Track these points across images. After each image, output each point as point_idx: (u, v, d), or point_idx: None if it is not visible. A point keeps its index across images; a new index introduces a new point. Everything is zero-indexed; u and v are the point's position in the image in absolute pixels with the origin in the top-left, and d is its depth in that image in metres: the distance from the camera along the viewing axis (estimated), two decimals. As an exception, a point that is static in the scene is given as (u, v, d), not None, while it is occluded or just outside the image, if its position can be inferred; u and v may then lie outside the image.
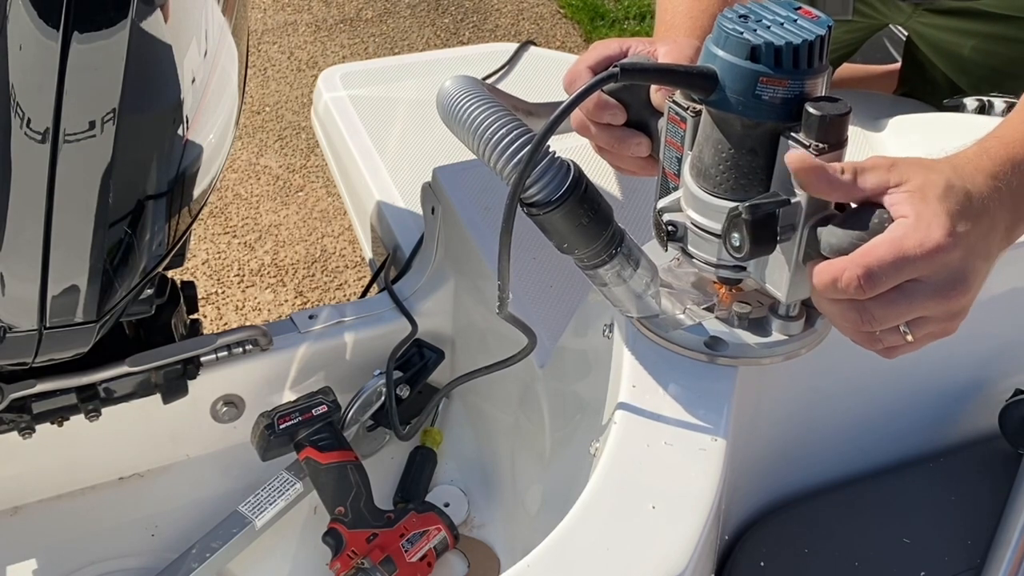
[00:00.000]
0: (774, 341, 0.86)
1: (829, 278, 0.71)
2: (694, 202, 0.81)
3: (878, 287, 0.70)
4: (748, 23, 0.75)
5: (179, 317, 1.21)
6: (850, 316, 0.73)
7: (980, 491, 1.03)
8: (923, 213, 0.70)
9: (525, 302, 1.14)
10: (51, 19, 0.73)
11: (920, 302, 0.71)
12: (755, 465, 0.97)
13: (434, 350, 1.28)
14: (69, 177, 0.82)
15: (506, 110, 0.79)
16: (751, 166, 0.77)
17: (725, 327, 0.87)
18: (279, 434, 1.15)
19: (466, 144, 0.81)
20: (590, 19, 3.52)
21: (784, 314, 0.86)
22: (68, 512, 1.22)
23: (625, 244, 0.80)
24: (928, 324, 0.74)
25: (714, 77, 0.75)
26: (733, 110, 0.75)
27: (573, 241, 0.78)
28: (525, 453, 1.16)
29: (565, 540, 0.75)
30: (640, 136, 0.91)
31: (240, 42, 1.07)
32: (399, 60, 2.27)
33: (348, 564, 1.11)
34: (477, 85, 0.82)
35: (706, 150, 0.79)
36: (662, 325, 0.87)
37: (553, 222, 0.77)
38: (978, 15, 1.39)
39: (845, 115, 0.73)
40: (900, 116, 1.35)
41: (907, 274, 0.70)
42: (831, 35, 0.75)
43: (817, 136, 0.73)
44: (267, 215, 2.61)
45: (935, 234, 0.69)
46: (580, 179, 0.77)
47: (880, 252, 0.70)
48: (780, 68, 0.73)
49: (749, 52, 0.73)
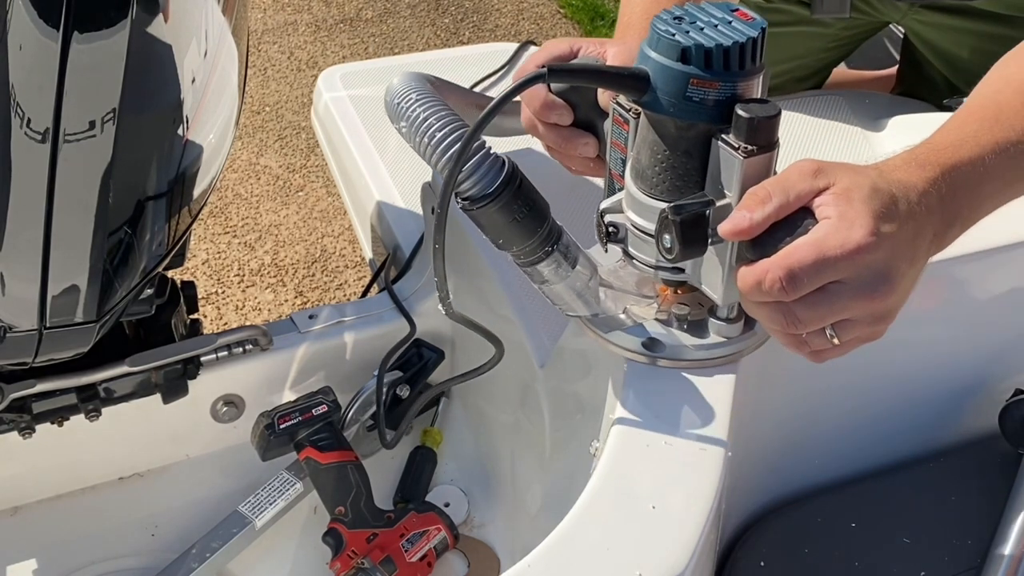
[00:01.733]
0: (712, 343, 0.86)
1: (753, 280, 0.71)
2: (634, 203, 0.82)
3: (801, 288, 0.70)
4: (682, 25, 0.75)
5: (179, 317, 1.21)
6: (776, 318, 0.73)
7: (980, 491, 1.03)
8: (846, 214, 0.70)
9: (525, 302, 1.14)
10: (51, 19, 0.73)
11: (843, 303, 0.71)
12: (755, 465, 0.97)
13: (434, 350, 1.28)
14: (69, 177, 0.82)
15: (445, 106, 0.79)
16: (686, 168, 0.78)
17: (664, 328, 0.87)
18: (279, 434, 1.15)
19: (407, 140, 0.81)
20: (590, 19, 3.52)
21: (723, 316, 0.85)
22: (68, 512, 1.22)
23: (563, 242, 0.80)
24: (854, 327, 0.73)
25: (646, 79, 0.75)
26: (665, 112, 0.76)
27: (508, 237, 0.78)
28: (525, 453, 1.16)
29: (565, 540, 0.75)
30: (588, 136, 0.91)
31: (240, 42, 1.07)
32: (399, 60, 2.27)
33: (348, 564, 1.11)
34: (422, 82, 0.83)
35: (643, 152, 0.80)
36: (602, 325, 0.87)
37: (488, 216, 0.77)
38: (975, 14, 1.40)
39: (774, 117, 0.73)
40: (899, 116, 1.35)
41: (829, 275, 0.70)
42: (765, 37, 0.75)
43: (747, 138, 0.73)
44: (267, 215, 2.61)
45: (856, 234, 0.69)
46: (514, 174, 0.77)
47: (801, 253, 0.69)
48: (711, 70, 0.73)
49: (680, 54, 0.73)
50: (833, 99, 1.42)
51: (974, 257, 0.99)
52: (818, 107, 1.39)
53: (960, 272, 1.01)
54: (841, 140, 1.32)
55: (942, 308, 1.03)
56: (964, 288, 1.04)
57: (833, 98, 1.42)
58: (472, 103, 1.05)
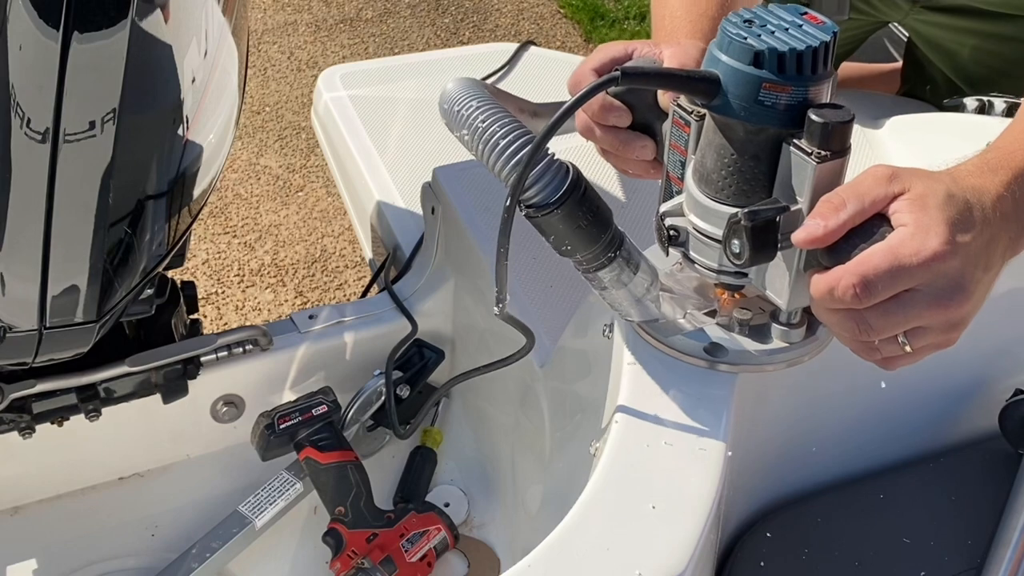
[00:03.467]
0: (774, 348, 0.85)
1: (826, 287, 0.70)
2: (696, 207, 0.81)
3: (874, 296, 0.69)
4: (752, 28, 0.74)
5: (179, 317, 1.21)
6: (848, 326, 0.72)
7: (980, 491, 1.03)
8: (921, 221, 0.70)
9: (525, 302, 1.14)
10: (51, 19, 0.73)
11: (917, 312, 0.70)
12: (755, 465, 0.97)
13: (434, 350, 1.28)
14: (69, 177, 0.82)
15: (506, 112, 0.79)
16: (753, 172, 0.77)
17: (725, 333, 0.86)
18: (279, 434, 1.15)
19: (467, 146, 0.81)
20: (590, 19, 3.52)
21: (785, 321, 0.85)
22: (68, 512, 1.22)
23: (625, 247, 0.80)
24: (927, 335, 0.73)
25: (717, 82, 0.74)
26: (736, 115, 0.75)
27: (573, 244, 0.78)
28: (525, 453, 1.16)
29: (565, 540, 0.75)
30: (645, 139, 0.90)
31: (240, 42, 1.07)
32: (399, 60, 2.27)
33: (348, 564, 1.11)
34: (479, 87, 0.82)
35: (709, 155, 0.79)
36: (662, 330, 0.86)
37: (552, 224, 0.77)
38: (976, 13, 1.39)
39: (848, 122, 0.73)
40: (900, 116, 1.35)
41: (903, 283, 0.69)
42: (836, 41, 0.74)
43: (820, 143, 0.72)
44: (267, 215, 2.61)
45: (932, 243, 0.69)
46: (579, 181, 0.76)
47: (876, 261, 0.69)
48: (783, 74, 0.72)
49: (752, 57, 0.72)
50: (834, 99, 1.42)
51: (974, 257, 0.98)
52: (818, 107, 1.39)
53: (960, 272, 1.01)
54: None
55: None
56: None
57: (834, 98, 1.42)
58: (516, 108, 1.03)
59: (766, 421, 0.97)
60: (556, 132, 0.74)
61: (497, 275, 0.79)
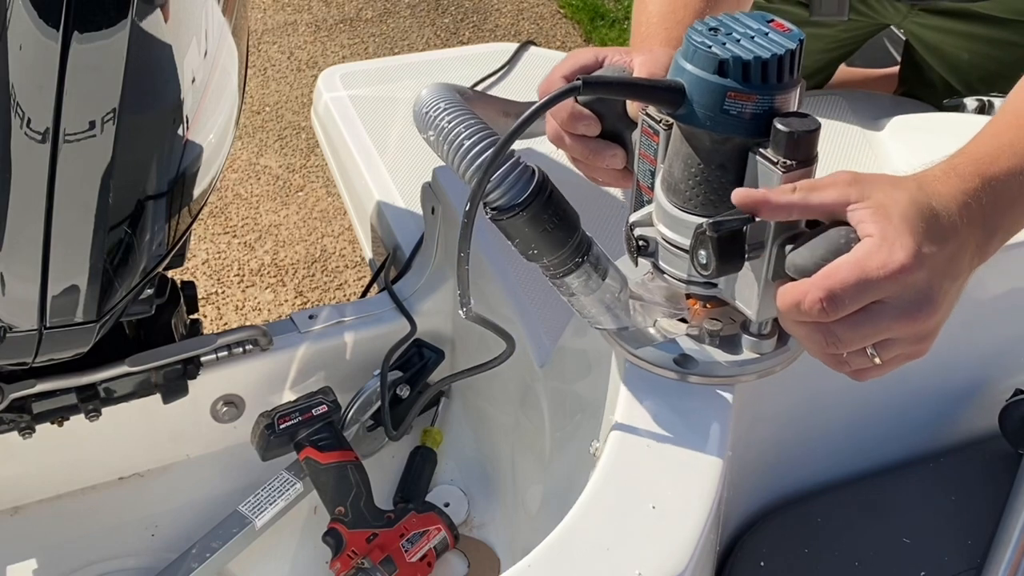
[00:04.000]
0: (745, 359, 0.84)
1: (792, 300, 0.70)
2: (665, 217, 0.80)
3: (841, 310, 0.68)
4: (718, 36, 0.73)
5: (179, 317, 1.21)
6: (815, 338, 0.71)
7: (980, 491, 1.03)
8: (887, 232, 0.69)
9: (525, 302, 1.14)
10: (51, 19, 0.73)
11: (885, 324, 0.69)
12: (755, 465, 0.97)
13: (434, 350, 1.28)
14: (69, 177, 0.82)
15: (474, 116, 0.78)
16: (720, 182, 0.76)
17: (696, 344, 0.85)
18: (279, 434, 1.15)
19: (433, 148, 0.80)
20: (590, 19, 3.52)
21: (756, 332, 0.83)
22: (68, 512, 1.22)
23: (593, 253, 0.78)
24: (896, 346, 0.72)
25: (681, 91, 0.74)
26: (701, 125, 0.74)
27: (539, 247, 0.77)
28: (525, 453, 1.16)
29: (565, 540, 0.75)
30: (615, 148, 0.89)
31: (240, 42, 1.07)
32: (399, 60, 2.27)
33: (348, 564, 1.11)
34: (451, 93, 0.81)
35: (676, 164, 0.78)
36: (633, 341, 0.85)
37: (517, 227, 0.76)
38: (974, 17, 1.39)
39: (814, 131, 0.72)
40: (900, 116, 1.35)
41: (870, 296, 0.68)
42: (803, 49, 0.73)
43: (785, 153, 0.72)
44: (267, 215, 2.61)
45: (898, 255, 0.68)
46: (544, 184, 0.75)
47: (843, 274, 0.68)
48: (748, 83, 0.72)
49: (717, 66, 0.72)
50: (833, 99, 1.42)
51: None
52: (818, 107, 1.39)
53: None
54: (841, 140, 1.32)
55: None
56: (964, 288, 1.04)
57: (833, 98, 1.42)
58: (501, 111, 1.03)
59: (766, 421, 0.97)
60: (519, 137, 0.72)
61: (459, 279, 0.78)
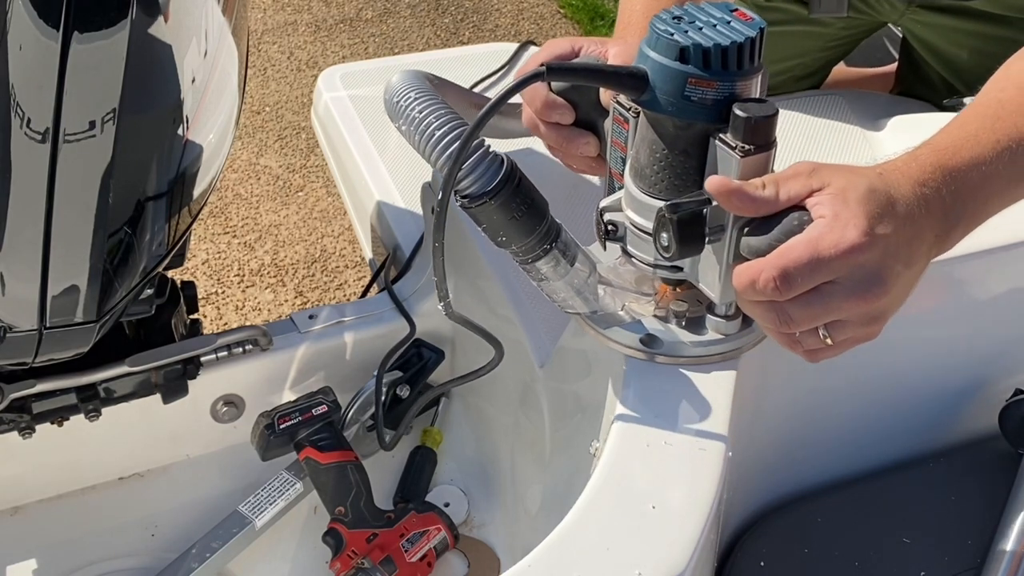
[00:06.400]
0: (709, 340, 0.86)
1: (748, 279, 0.71)
2: (632, 202, 0.82)
3: (794, 288, 0.70)
4: (681, 24, 0.75)
5: (179, 317, 1.21)
6: (770, 317, 0.73)
7: (980, 491, 1.03)
8: (841, 213, 0.70)
9: (525, 302, 1.14)
10: (51, 19, 0.73)
11: (836, 303, 0.71)
12: (755, 465, 0.97)
13: (434, 350, 1.28)
14: (69, 177, 0.82)
15: (444, 104, 0.80)
16: (684, 167, 0.78)
17: (662, 325, 0.88)
18: (279, 434, 1.15)
19: (405, 137, 0.82)
20: (590, 19, 3.52)
21: (721, 313, 0.86)
22: (68, 512, 1.22)
23: (561, 239, 0.81)
24: (847, 328, 0.73)
25: (644, 78, 0.76)
26: (664, 111, 0.76)
27: (508, 234, 0.79)
28: (525, 453, 1.16)
29: (565, 540, 0.75)
30: (588, 136, 0.92)
31: (240, 42, 1.07)
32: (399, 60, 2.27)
33: (348, 564, 1.11)
34: (421, 80, 0.83)
35: (642, 150, 0.80)
36: (601, 322, 0.87)
37: (486, 215, 0.78)
38: (972, 15, 1.39)
39: (771, 117, 0.74)
40: (899, 116, 1.35)
41: (823, 275, 0.70)
42: (764, 37, 0.75)
43: (744, 138, 0.74)
44: (267, 215, 2.61)
45: (850, 234, 0.69)
46: (513, 173, 0.77)
47: (796, 253, 0.69)
48: (709, 69, 0.74)
49: (678, 53, 0.74)
50: (832, 99, 1.42)
51: (974, 257, 0.99)
52: (817, 107, 1.39)
53: (960, 272, 1.01)
54: (840, 140, 1.32)
55: (942, 308, 1.03)
56: (964, 288, 1.04)
57: (832, 98, 1.42)
58: (471, 102, 1.06)
59: (766, 421, 0.97)
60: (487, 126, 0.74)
61: (436, 272, 0.80)
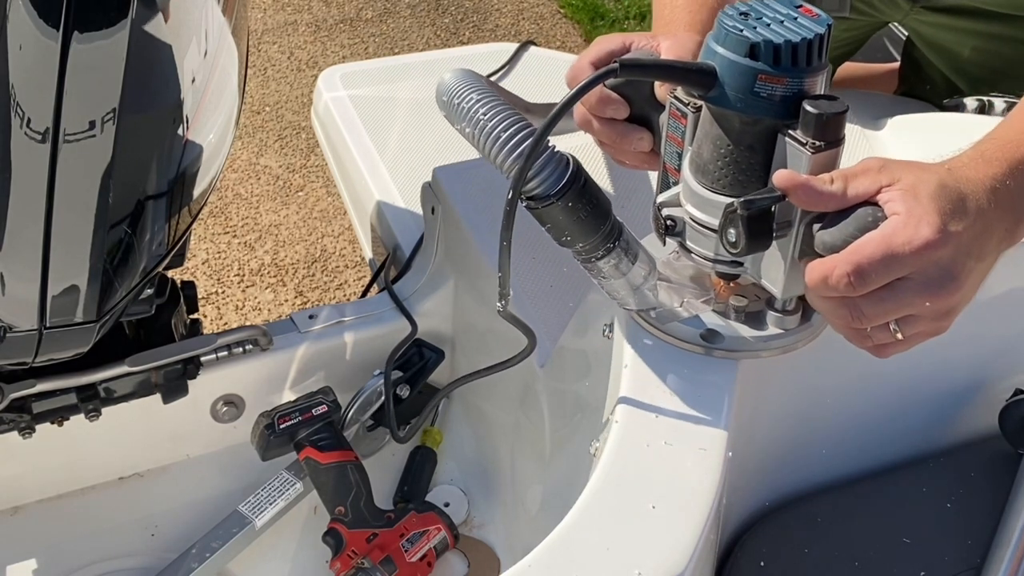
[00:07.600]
0: (770, 335, 0.87)
1: (820, 275, 0.72)
2: (693, 197, 0.82)
3: (868, 284, 0.70)
4: (748, 20, 0.75)
5: (179, 317, 1.21)
6: (841, 313, 0.73)
7: (980, 491, 1.03)
8: (914, 210, 0.71)
9: (525, 302, 1.14)
10: (51, 19, 0.73)
11: (909, 299, 0.72)
12: (755, 465, 0.97)
13: (434, 350, 1.28)
14: (69, 177, 0.82)
15: (507, 105, 0.80)
16: (749, 162, 0.78)
17: (722, 320, 0.88)
18: (279, 434, 1.15)
19: (467, 137, 0.81)
20: (590, 19, 3.52)
21: (780, 308, 0.86)
22: (68, 512, 1.22)
23: (623, 238, 0.81)
24: (918, 322, 0.74)
25: (713, 74, 0.76)
26: (732, 107, 0.76)
27: (572, 234, 0.79)
28: (525, 453, 1.16)
29: (565, 540, 0.75)
30: (642, 131, 0.92)
31: (240, 42, 1.07)
32: (399, 60, 2.27)
33: (348, 564, 1.11)
34: (477, 79, 0.83)
35: (705, 146, 0.80)
36: (659, 318, 0.88)
37: (553, 215, 0.78)
38: (977, 14, 1.39)
39: (842, 113, 0.74)
40: (900, 116, 1.35)
41: (896, 271, 0.70)
42: (831, 34, 0.75)
43: (814, 134, 0.74)
44: (267, 215, 2.61)
45: (924, 231, 0.70)
46: (579, 173, 0.78)
47: (869, 249, 0.70)
48: (779, 66, 0.74)
49: (748, 49, 0.74)
50: (833, 99, 1.41)
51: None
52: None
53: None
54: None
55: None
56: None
57: (833, 98, 1.42)
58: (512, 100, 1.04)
59: (766, 421, 0.97)
60: (556, 125, 0.74)
61: (501, 269, 0.80)
